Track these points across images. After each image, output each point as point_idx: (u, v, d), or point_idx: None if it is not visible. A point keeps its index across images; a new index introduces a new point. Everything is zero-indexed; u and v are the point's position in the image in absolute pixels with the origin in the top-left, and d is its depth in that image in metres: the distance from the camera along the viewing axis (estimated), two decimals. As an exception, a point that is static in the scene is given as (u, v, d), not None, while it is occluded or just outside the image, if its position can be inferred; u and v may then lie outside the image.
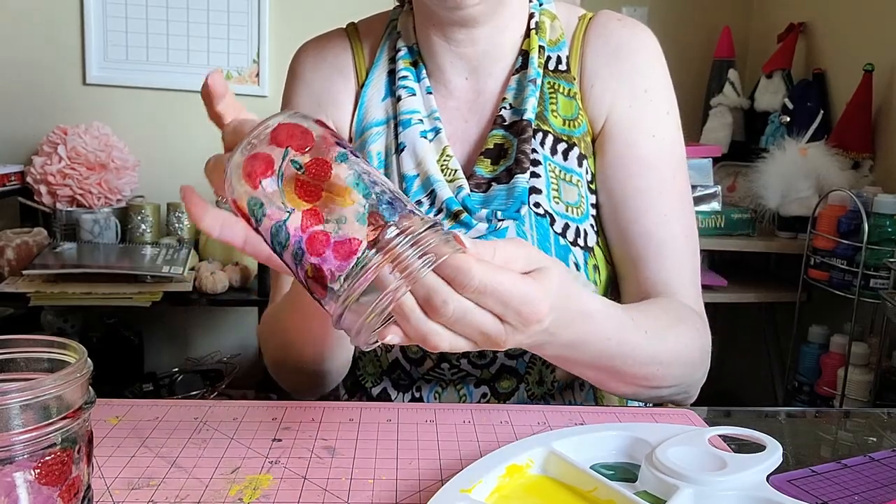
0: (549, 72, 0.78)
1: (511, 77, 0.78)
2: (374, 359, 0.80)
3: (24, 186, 2.09)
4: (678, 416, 0.65)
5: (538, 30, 0.79)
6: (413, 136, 0.76)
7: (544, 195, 0.75)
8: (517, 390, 0.78)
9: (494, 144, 0.77)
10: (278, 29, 2.29)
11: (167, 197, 2.23)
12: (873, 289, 1.64)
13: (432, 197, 0.74)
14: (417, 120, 0.77)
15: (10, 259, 1.88)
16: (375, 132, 0.79)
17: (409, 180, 0.76)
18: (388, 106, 0.80)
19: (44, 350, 0.43)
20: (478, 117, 0.79)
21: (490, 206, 0.74)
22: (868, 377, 1.70)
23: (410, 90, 0.78)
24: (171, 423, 0.60)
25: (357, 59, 0.83)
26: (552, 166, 0.76)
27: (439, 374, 0.78)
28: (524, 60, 0.78)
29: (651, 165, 0.76)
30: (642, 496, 0.48)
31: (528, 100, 0.75)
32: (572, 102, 0.77)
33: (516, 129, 0.76)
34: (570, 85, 0.78)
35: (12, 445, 0.37)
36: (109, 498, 0.49)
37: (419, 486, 0.52)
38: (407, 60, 0.80)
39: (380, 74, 0.81)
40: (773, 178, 1.90)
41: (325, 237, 0.42)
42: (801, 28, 2.20)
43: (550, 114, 0.77)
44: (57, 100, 2.23)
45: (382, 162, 0.78)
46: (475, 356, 0.76)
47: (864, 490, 0.53)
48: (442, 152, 0.76)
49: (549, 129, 0.77)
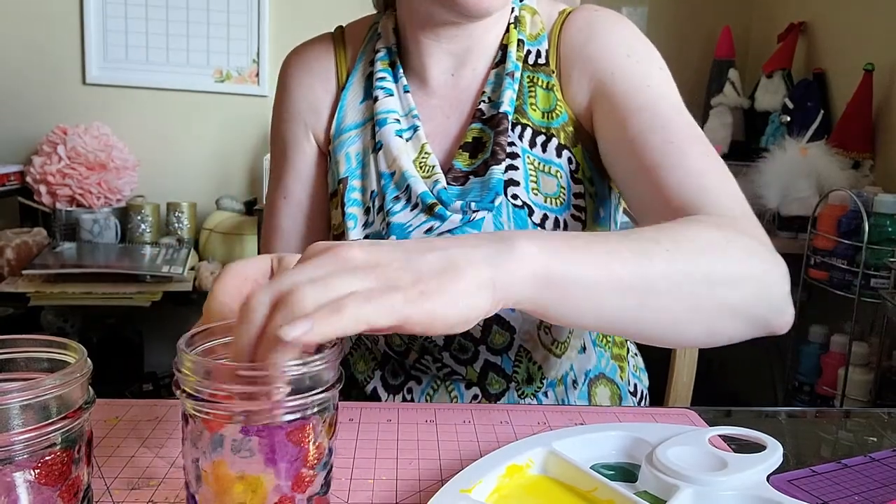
0: (529, 66, 0.78)
1: (490, 71, 0.79)
2: (367, 352, 0.81)
3: (23, 186, 2.10)
4: (678, 416, 0.65)
5: (518, 24, 0.79)
6: (388, 135, 0.77)
7: (522, 187, 0.74)
8: (507, 390, 0.78)
9: (473, 138, 0.77)
10: (278, 29, 2.30)
11: (167, 197, 2.23)
12: (873, 288, 1.64)
13: (408, 192, 0.74)
14: (394, 119, 0.77)
15: (9, 259, 1.89)
16: (354, 134, 0.80)
17: (386, 177, 0.76)
18: (366, 108, 0.80)
19: (44, 350, 0.43)
20: (458, 112, 0.79)
21: (466, 198, 0.74)
22: (868, 377, 1.70)
23: (388, 90, 0.79)
24: (171, 423, 0.60)
25: (339, 64, 0.83)
26: (531, 158, 0.76)
27: (424, 367, 0.78)
28: (503, 54, 0.78)
29: (652, 107, 0.70)
30: (642, 496, 0.48)
31: (505, 92, 0.76)
32: (550, 94, 0.77)
33: (493, 122, 0.76)
34: (549, 78, 0.77)
35: (12, 445, 0.37)
36: (109, 498, 0.49)
37: (419, 486, 0.52)
38: (385, 62, 0.80)
39: (359, 78, 0.82)
40: (774, 178, 1.90)
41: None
42: (801, 28, 2.20)
43: (529, 107, 0.77)
44: (57, 100, 2.23)
45: (360, 162, 0.79)
46: (456, 349, 0.75)
47: (864, 490, 0.53)
48: (420, 149, 0.77)
49: (528, 122, 0.76)
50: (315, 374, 0.41)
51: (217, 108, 2.31)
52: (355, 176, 0.78)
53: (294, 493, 0.42)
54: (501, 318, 0.73)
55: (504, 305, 0.47)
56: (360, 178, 0.78)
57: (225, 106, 2.31)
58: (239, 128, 2.32)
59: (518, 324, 0.74)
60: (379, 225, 0.75)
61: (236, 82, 2.29)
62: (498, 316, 0.73)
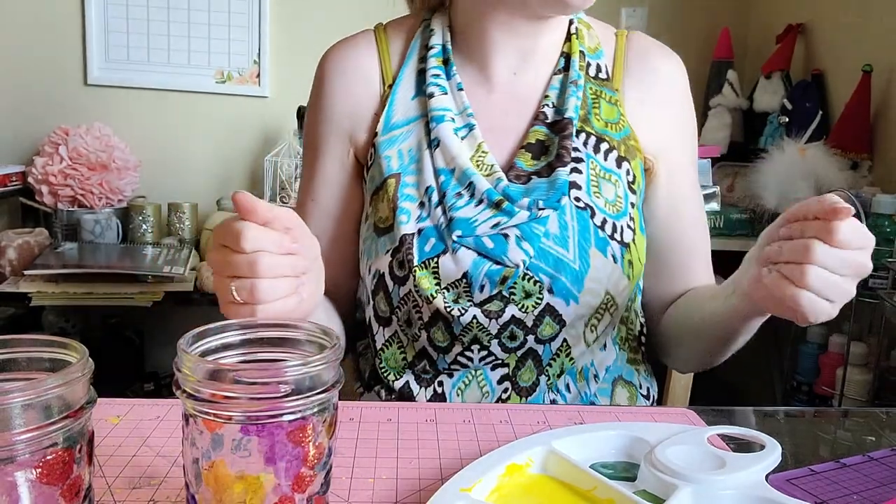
0: (591, 78, 0.82)
1: (554, 77, 0.82)
2: (399, 351, 0.81)
3: (25, 187, 2.10)
4: (678, 416, 0.66)
5: (577, 35, 0.83)
6: (446, 133, 0.78)
7: (584, 190, 0.77)
8: (538, 384, 0.79)
9: (536, 140, 0.79)
10: (279, 29, 2.30)
11: (168, 197, 2.23)
12: (872, 288, 1.64)
13: (471, 189, 0.76)
14: (450, 118, 0.79)
15: (11, 259, 1.89)
16: (405, 130, 0.81)
17: (445, 174, 0.77)
18: (418, 104, 0.81)
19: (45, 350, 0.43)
20: (518, 112, 0.81)
21: (531, 196, 0.76)
22: (867, 377, 1.70)
23: (442, 88, 0.80)
24: (172, 423, 0.61)
25: (383, 62, 0.84)
26: (593, 164, 0.79)
27: (466, 359, 0.78)
28: (566, 62, 0.82)
29: (689, 195, 0.86)
30: (641, 495, 0.48)
31: (570, 100, 0.79)
32: (614, 108, 0.82)
33: (558, 127, 0.79)
34: (613, 93, 0.82)
35: (14, 445, 0.37)
36: (111, 497, 0.49)
37: (419, 485, 0.52)
38: (438, 59, 0.82)
39: (409, 73, 0.83)
40: (772, 179, 1.90)
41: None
42: (799, 29, 2.20)
43: (593, 116, 0.81)
44: (58, 100, 2.23)
45: (413, 157, 0.80)
46: (507, 337, 0.76)
47: (862, 489, 0.53)
48: (477, 148, 0.78)
49: (592, 131, 0.80)
50: (315, 374, 0.42)
51: (218, 109, 2.31)
52: (408, 172, 0.79)
53: (294, 492, 0.42)
54: (555, 310, 0.75)
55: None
56: (413, 174, 0.79)
57: (226, 107, 2.31)
58: (240, 128, 2.32)
59: (570, 318, 0.76)
60: (439, 219, 0.76)
61: (237, 83, 2.29)
62: (551, 307, 0.74)
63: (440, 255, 0.75)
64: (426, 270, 0.75)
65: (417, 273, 0.75)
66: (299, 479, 0.42)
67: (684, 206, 0.86)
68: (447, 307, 0.74)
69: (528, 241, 0.74)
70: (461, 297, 0.75)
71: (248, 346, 0.47)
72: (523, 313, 0.75)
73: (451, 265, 0.74)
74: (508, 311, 0.75)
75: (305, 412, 0.42)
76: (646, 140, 0.82)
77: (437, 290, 0.75)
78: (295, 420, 0.41)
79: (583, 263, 0.75)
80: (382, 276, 0.78)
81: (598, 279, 0.76)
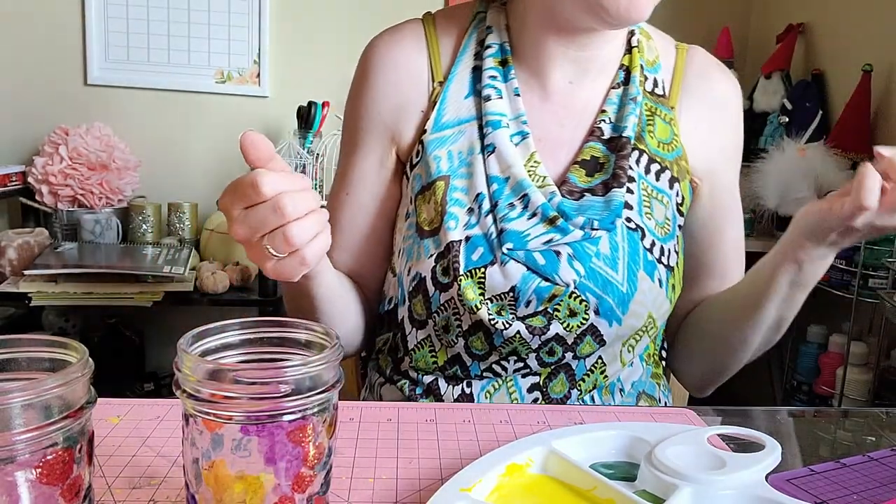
0: (648, 93, 0.79)
1: (612, 91, 0.78)
2: (430, 353, 0.78)
3: (25, 186, 2.10)
4: (677, 416, 0.66)
5: (638, 48, 0.80)
6: (502, 139, 0.75)
7: (636, 211, 0.75)
8: (569, 397, 0.77)
9: (591, 156, 0.76)
10: (279, 29, 2.30)
11: (168, 197, 2.23)
12: (872, 288, 1.64)
13: (525, 200, 0.73)
14: (505, 123, 0.76)
15: (11, 259, 1.89)
16: (456, 131, 0.77)
17: (499, 182, 0.74)
18: (472, 104, 0.78)
19: (45, 350, 0.43)
20: (574, 125, 0.78)
21: (585, 215, 0.73)
22: (866, 377, 1.70)
23: (498, 91, 0.77)
24: (172, 423, 0.61)
25: (432, 57, 0.80)
26: (645, 185, 0.76)
27: (501, 367, 0.76)
28: (626, 77, 0.79)
29: (733, 218, 0.86)
30: (641, 495, 0.48)
31: (629, 118, 0.76)
32: (668, 128, 0.79)
33: (615, 145, 0.76)
34: (669, 111, 0.80)
35: (14, 445, 0.37)
36: (111, 497, 0.49)
37: (419, 485, 0.52)
38: (496, 59, 0.78)
39: (463, 70, 0.79)
40: (772, 179, 1.90)
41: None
42: (799, 29, 2.20)
43: (648, 135, 0.78)
44: (58, 100, 2.23)
45: (464, 161, 0.76)
46: (546, 353, 0.74)
47: (862, 489, 0.53)
48: (529, 157, 0.75)
49: (645, 150, 0.77)
50: (315, 374, 0.42)
51: (218, 109, 2.31)
52: (458, 175, 0.75)
53: (294, 492, 0.42)
54: (597, 330, 0.73)
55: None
56: (464, 178, 0.75)
57: (226, 106, 2.31)
58: (240, 128, 2.32)
59: (610, 339, 0.74)
60: (489, 228, 0.73)
61: (237, 83, 2.29)
62: (594, 327, 0.73)
63: (488, 265, 0.72)
64: (471, 280, 0.72)
65: (463, 282, 0.72)
66: (299, 479, 0.42)
67: (725, 226, 0.85)
68: (491, 319, 0.72)
69: (580, 260, 0.72)
70: (504, 309, 0.73)
71: (248, 346, 0.47)
72: (567, 332, 0.73)
73: (499, 277, 0.72)
74: (553, 328, 0.72)
75: (305, 412, 0.42)
76: (695, 161, 0.80)
77: (481, 301, 0.72)
78: (295, 420, 0.41)
79: (630, 286, 0.73)
80: (423, 280, 0.75)
81: (643, 302, 0.74)
